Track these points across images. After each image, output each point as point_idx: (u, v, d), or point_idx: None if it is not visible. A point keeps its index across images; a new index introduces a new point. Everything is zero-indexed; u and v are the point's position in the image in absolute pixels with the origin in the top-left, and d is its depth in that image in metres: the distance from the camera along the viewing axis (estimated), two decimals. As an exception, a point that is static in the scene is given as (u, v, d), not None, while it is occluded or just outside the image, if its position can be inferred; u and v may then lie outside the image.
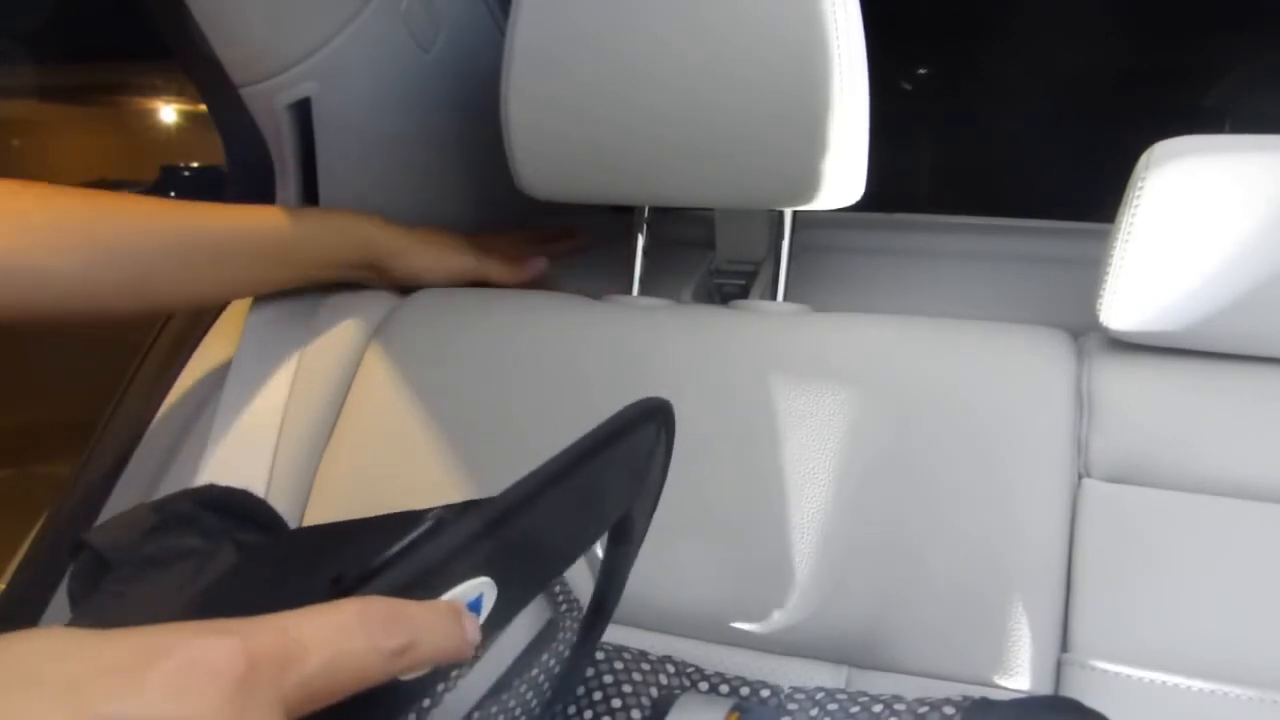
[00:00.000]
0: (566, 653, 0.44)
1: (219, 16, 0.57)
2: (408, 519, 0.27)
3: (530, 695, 0.42)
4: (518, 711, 0.41)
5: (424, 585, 0.26)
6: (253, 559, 0.37)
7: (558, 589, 0.47)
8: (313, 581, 0.25)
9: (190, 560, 0.38)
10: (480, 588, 0.28)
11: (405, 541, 0.26)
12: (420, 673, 0.26)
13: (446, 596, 0.27)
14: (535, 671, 0.43)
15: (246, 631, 0.22)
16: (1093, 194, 0.70)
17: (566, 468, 0.29)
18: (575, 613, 0.46)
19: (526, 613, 0.44)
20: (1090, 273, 0.54)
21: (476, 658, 0.41)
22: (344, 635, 0.23)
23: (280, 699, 0.22)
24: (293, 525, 0.60)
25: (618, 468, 0.33)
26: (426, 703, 0.40)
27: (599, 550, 0.52)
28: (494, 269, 0.71)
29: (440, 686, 0.40)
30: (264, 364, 0.66)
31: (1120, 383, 0.53)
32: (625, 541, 0.37)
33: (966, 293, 0.68)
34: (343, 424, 0.64)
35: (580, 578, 0.52)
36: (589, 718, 0.44)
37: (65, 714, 0.19)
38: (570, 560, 0.34)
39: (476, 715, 0.41)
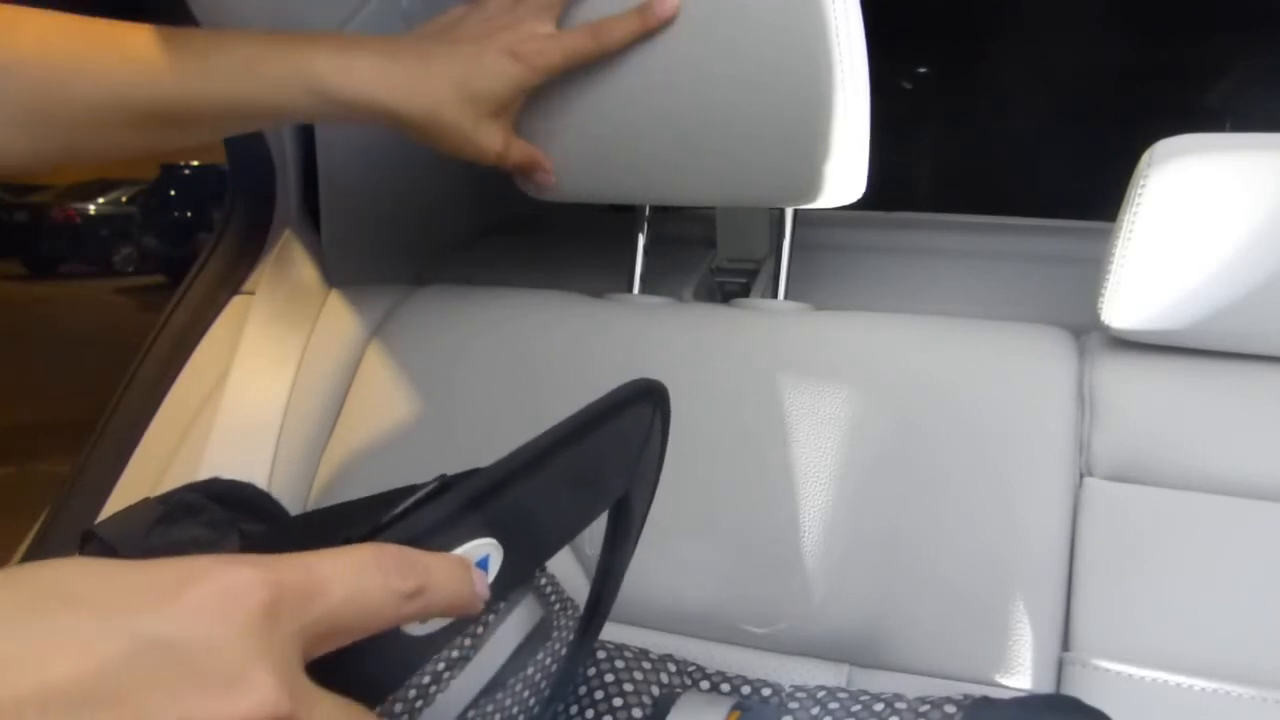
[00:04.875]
0: (563, 651, 0.44)
1: (219, 14, 0.57)
2: (410, 492, 0.28)
3: (528, 695, 0.42)
4: (515, 711, 0.41)
5: (431, 540, 0.27)
6: (259, 541, 0.38)
7: (549, 588, 0.47)
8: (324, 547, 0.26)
9: (197, 550, 0.38)
10: (486, 548, 0.29)
11: (411, 500, 0.27)
12: (430, 628, 0.27)
13: (455, 553, 0.28)
14: (531, 671, 0.43)
15: (272, 564, 0.23)
16: (1094, 192, 0.70)
17: (567, 437, 0.30)
18: (570, 611, 0.46)
19: (518, 612, 0.44)
20: (1091, 271, 0.54)
21: (466, 658, 0.41)
22: (362, 573, 0.24)
23: (301, 630, 0.23)
24: (293, 523, 0.60)
25: (616, 443, 0.34)
26: (420, 702, 0.40)
27: (591, 548, 0.52)
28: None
29: (432, 686, 0.40)
30: (265, 361, 0.66)
31: (1122, 381, 0.53)
32: (623, 532, 0.38)
33: (967, 291, 0.67)
34: (344, 421, 0.64)
35: (575, 576, 0.52)
36: (590, 717, 0.43)
37: (99, 629, 0.20)
38: (572, 534, 0.35)
39: (471, 715, 0.40)
